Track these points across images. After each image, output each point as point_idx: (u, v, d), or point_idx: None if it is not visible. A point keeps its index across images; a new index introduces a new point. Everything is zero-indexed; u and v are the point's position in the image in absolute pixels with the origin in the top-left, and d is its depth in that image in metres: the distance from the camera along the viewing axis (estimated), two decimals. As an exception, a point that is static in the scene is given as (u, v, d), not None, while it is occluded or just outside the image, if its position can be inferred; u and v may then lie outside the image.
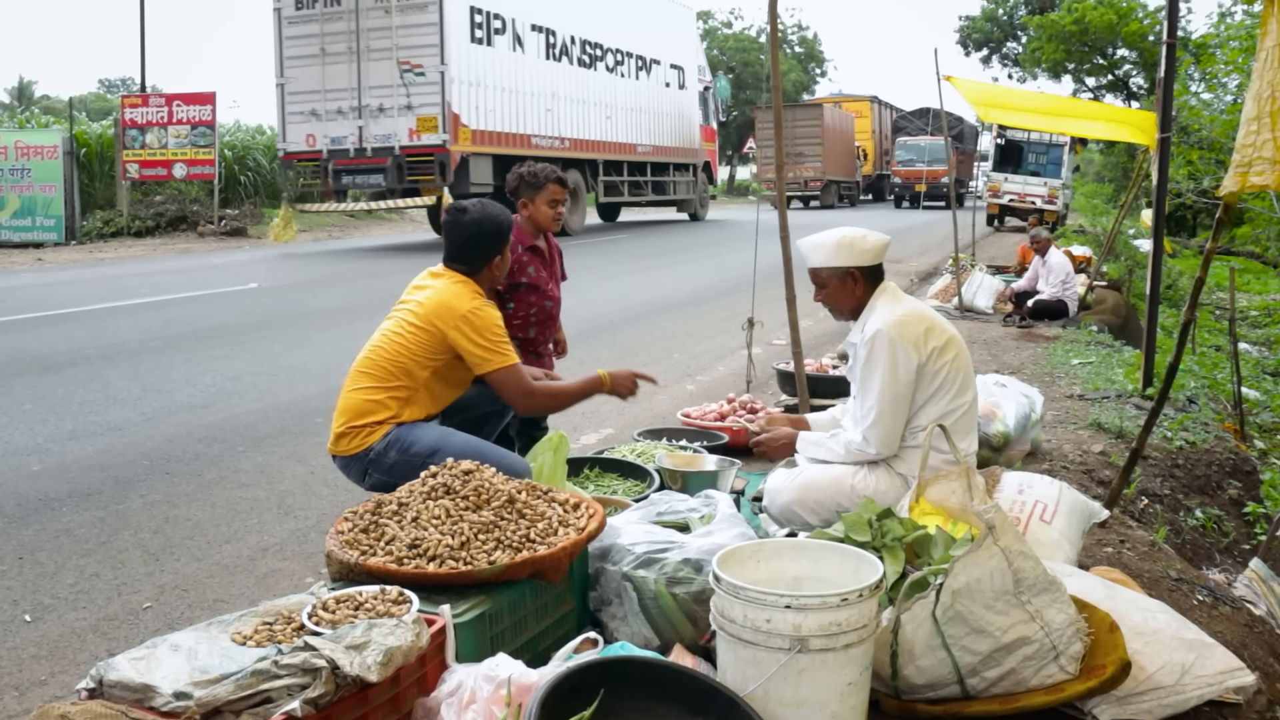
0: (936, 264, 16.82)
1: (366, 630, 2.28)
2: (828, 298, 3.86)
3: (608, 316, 10.57)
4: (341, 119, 17.89)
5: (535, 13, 20.19)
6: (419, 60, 17.29)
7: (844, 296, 3.81)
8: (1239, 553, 5.37)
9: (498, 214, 4.06)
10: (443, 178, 17.64)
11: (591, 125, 22.42)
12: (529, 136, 19.97)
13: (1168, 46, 6.60)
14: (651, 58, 25.09)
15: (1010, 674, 2.63)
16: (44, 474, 5.38)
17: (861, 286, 3.78)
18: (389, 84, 17.49)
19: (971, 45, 51.45)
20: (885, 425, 3.67)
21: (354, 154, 17.91)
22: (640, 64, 24.62)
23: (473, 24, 18.12)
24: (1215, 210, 11.95)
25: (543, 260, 4.90)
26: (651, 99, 25.22)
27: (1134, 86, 43.64)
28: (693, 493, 3.74)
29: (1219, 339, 11.50)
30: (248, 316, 10.66)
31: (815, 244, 3.81)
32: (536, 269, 4.84)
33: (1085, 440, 5.75)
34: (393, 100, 17.57)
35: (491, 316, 3.88)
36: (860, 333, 3.76)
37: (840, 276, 3.77)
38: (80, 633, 3.64)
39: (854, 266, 3.75)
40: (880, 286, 3.81)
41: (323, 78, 17.98)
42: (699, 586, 2.89)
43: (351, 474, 3.93)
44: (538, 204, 4.76)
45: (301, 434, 6.11)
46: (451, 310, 3.82)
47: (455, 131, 17.55)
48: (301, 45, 18.13)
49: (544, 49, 20.75)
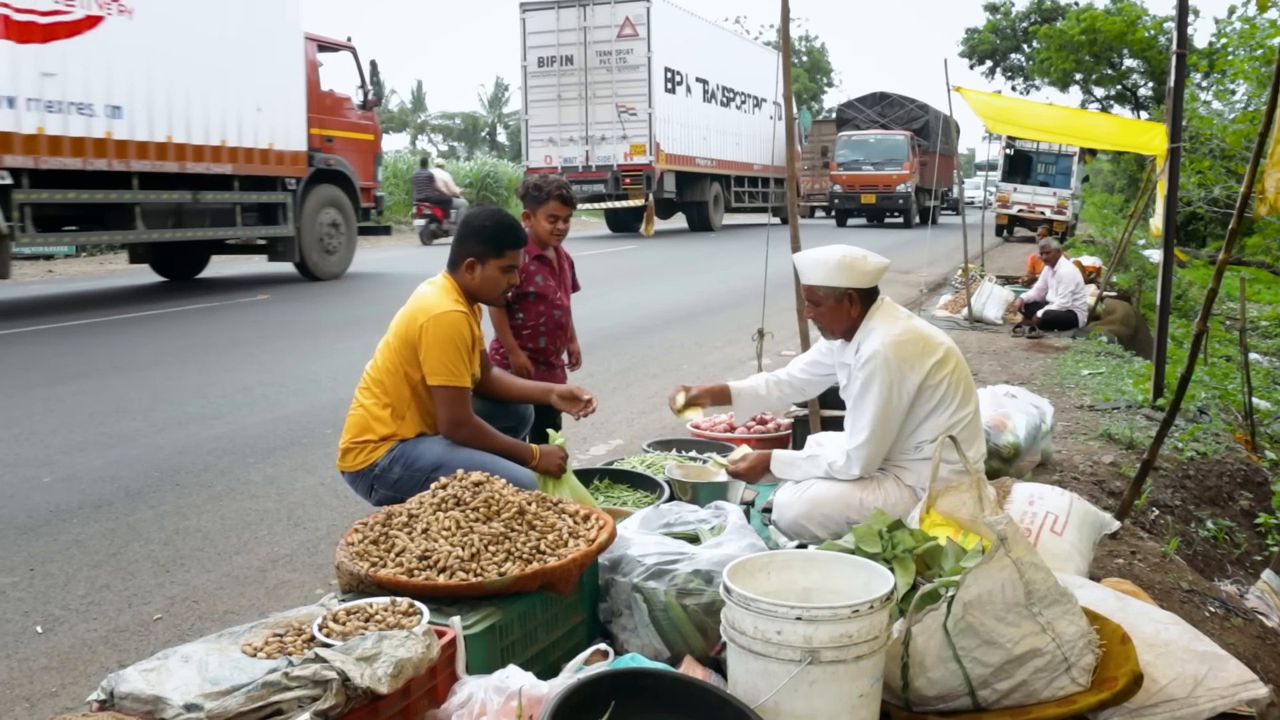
0: (946, 275, 16.81)
1: (377, 642, 2.28)
2: (820, 316, 3.80)
3: (616, 327, 10.58)
4: (572, 145, 25.07)
5: (697, 68, 27.63)
6: (631, 104, 24.60)
7: (838, 317, 3.76)
8: (1251, 564, 5.35)
9: (491, 221, 3.95)
10: (647, 186, 24.73)
11: (727, 149, 29.39)
12: (694, 158, 27.13)
13: (1177, 56, 6.60)
14: (760, 96, 31.78)
15: (1021, 686, 2.62)
16: (55, 485, 5.40)
17: (857, 308, 3.74)
18: (609, 120, 24.74)
19: (976, 58, 51.43)
20: (873, 446, 3.66)
21: (581, 169, 24.84)
22: (755, 101, 31.68)
23: (665, 79, 25.34)
24: (1224, 220, 11.75)
25: (551, 270, 4.92)
26: (761, 128, 31.38)
27: (1141, 97, 43.62)
28: (703, 504, 3.73)
29: (1230, 349, 11.46)
30: (257, 328, 10.69)
31: (815, 261, 3.75)
32: (545, 278, 4.86)
33: (1096, 451, 5.73)
34: (611, 132, 24.77)
35: (456, 325, 3.76)
36: (856, 354, 3.72)
37: (837, 297, 3.72)
38: (91, 644, 3.65)
39: (852, 288, 3.70)
40: (875, 304, 3.76)
41: (559, 115, 25.13)
42: (709, 598, 2.88)
43: (359, 489, 3.94)
44: (538, 217, 4.79)
45: (311, 445, 6.12)
46: (425, 311, 3.76)
47: (657, 154, 24.82)
48: (542, 92, 25.25)
49: (702, 94, 28.16)
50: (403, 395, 3.82)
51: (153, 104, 12.18)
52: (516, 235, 3.98)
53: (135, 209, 12.30)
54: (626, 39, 24.54)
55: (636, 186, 24.86)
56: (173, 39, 12.36)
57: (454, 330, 3.74)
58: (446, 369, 3.73)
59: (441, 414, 3.81)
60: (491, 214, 4.00)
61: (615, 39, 24.53)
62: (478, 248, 3.90)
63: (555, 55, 25.02)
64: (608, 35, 24.54)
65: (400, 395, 3.82)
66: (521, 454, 3.89)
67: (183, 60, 12.48)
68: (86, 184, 11.69)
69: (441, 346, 3.72)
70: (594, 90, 24.79)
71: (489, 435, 3.87)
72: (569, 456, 4.05)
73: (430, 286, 3.93)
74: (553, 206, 4.77)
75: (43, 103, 10.92)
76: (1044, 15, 47.14)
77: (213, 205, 13.37)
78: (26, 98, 10.75)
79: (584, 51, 24.77)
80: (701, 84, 28.14)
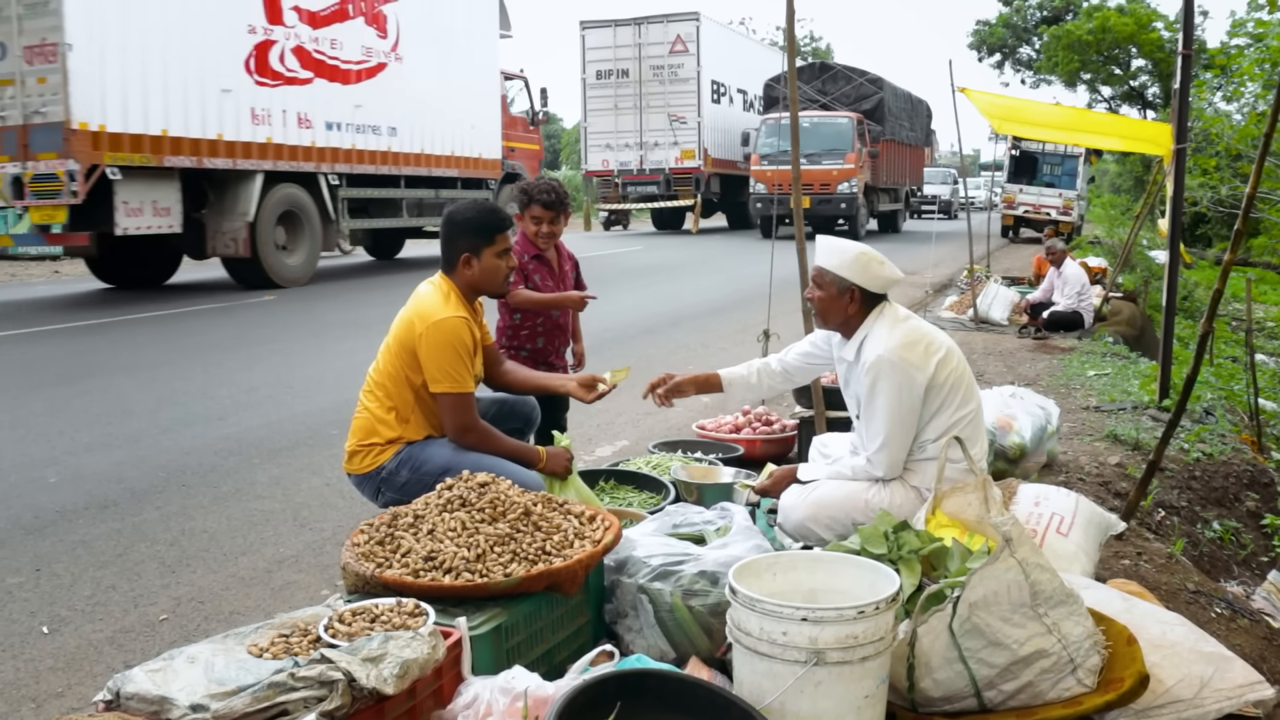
0: (951, 276, 16.79)
1: (383, 643, 2.28)
2: (819, 300, 3.81)
3: (622, 328, 10.58)
4: (627, 150, 28.03)
5: (738, 80, 30.15)
6: (682, 114, 27.44)
7: (835, 308, 3.76)
8: (1257, 565, 5.33)
9: (474, 212, 3.94)
10: (696, 188, 27.71)
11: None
12: (735, 162, 28.96)
13: (1183, 57, 6.59)
14: None
15: (1027, 687, 2.61)
16: (60, 486, 5.41)
17: (856, 306, 3.74)
18: (661, 128, 27.73)
19: (985, 50, 51.32)
20: (893, 449, 3.66)
21: (636, 172, 28.07)
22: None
23: (712, 90, 28.09)
24: (1229, 220, 11.69)
25: (550, 270, 4.95)
26: None
27: (1150, 96, 43.54)
28: (708, 505, 3.73)
29: (1236, 350, 11.44)
30: (264, 328, 10.71)
31: (835, 247, 3.76)
32: (543, 278, 4.91)
33: (1101, 452, 5.73)
34: (663, 138, 27.78)
35: (455, 331, 3.74)
36: (856, 353, 3.73)
37: (840, 288, 3.72)
38: (97, 645, 3.65)
39: (858, 285, 3.71)
40: (878, 308, 3.76)
41: (615, 123, 28.13)
42: (715, 599, 2.88)
43: (365, 491, 3.94)
44: (525, 219, 4.89)
45: (316, 446, 6.13)
46: (423, 318, 3.75)
47: (705, 159, 27.70)
48: (600, 102, 28.19)
49: (742, 103, 30.91)
50: (405, 399, 3.82)
51: (413, 124, 16.63)
52: (500, 218, 3.98)
53: (401, 202, 16.99)
54: (678, 54, 27.48)
55: (686, 188, 27.89)
56: (424, 77, 16.76)
57: (454, 336, 3.73)
58: (449, 376, 3.72)
59: (448, 420, 3.81)
60: (470, 205, 3.98)
61: (668, 54, 27.55)
62: (468, 241, 3.88)
63: (612, 69, 27.96)
64: (660, 51, 27.56)
65: (403, 399, 3.82)
66: (528, 456, 3.89)
67: (430, 92, 16.87)
68: (376, 184, 16.23)
69: (442, 353, 3.71)
70: (647, 100, 27.80)
71: (495, 439, 3.87)
72: (575, 458, 4.05)
73: (430, 287, 3.92)
74: (535, 210, 4.84)
75: (354, 126, 15.34)
76: (1055, 11, 47.03)
77: (445, 199, 17.37)
78: (344, 123, 15.15)
79: (639, 65, 27.73)
80: (741, 94, 30.84)
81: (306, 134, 14.45)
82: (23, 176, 11.58)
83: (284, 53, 14.00)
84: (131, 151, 11.97)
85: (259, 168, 13.58)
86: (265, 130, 13.73)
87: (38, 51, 11.34)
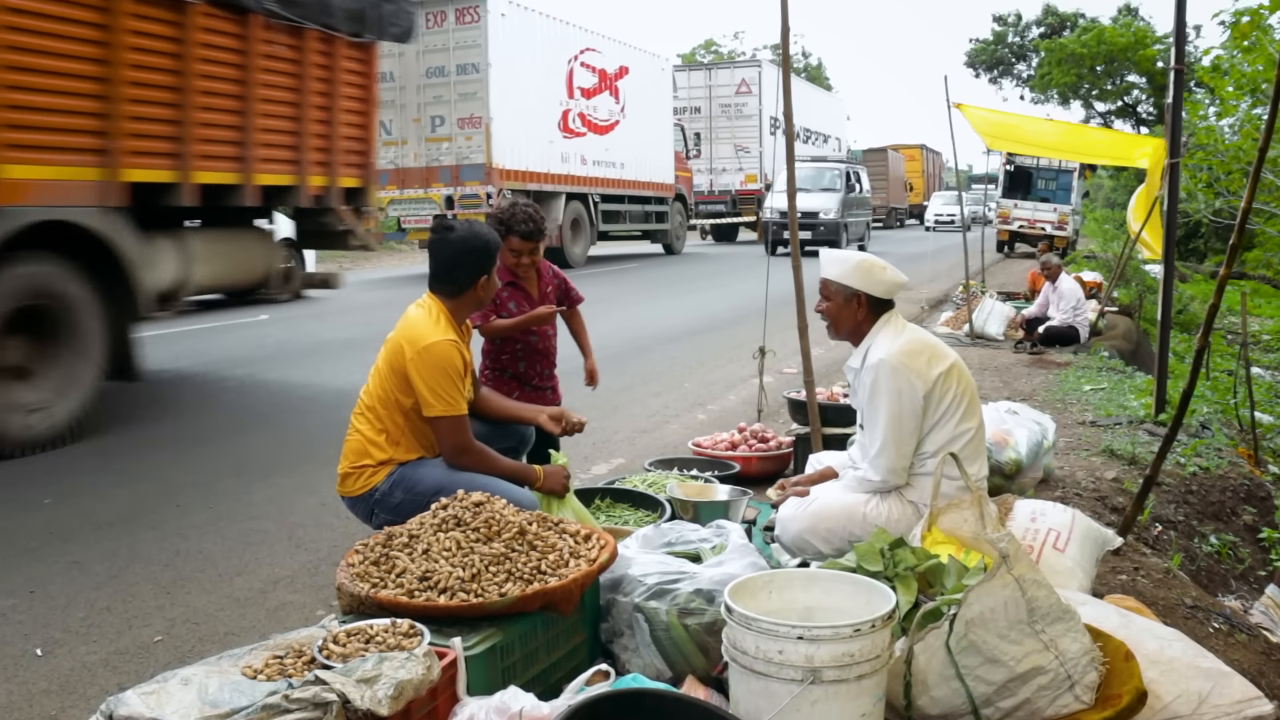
0: (947, 291, 16.82)
1: (377, 663, 2.28)
2: (828, 311, 3.89)
3: (617, 346, 10.57)
4: (699, 175, 31.47)
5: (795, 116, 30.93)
6: (745, 145, 32.55)
7: (843, 316, 3.85)
8: (1255, 579, 5.33)
9: (485, 233, 3.97)
10: (758, 207, 31.07)
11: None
12: None
13: (1175, 72, 6.62)
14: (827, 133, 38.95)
15: (1025, 704, 2.61)
16: (55, 506, 5.39)
17: (863, 312, 3.81)
18: (729, 156, 32.71)
19: (980, 68, 51.54)
20: (891, 455, 3.68)
21: (706, 194, 32.58)
22: (823, 138, 38.45)
23: (770, 124, 31.66)
24: (1223, 233, 11.73)
25: (525, 296, 4.95)
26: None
27: (1143, 113, 43.72)
28: (704, 523, 3.73)
29: (1231, 363, 11.46)
30: (258, 348, 10.70)
31: (837, 258, 3.85)
32: (518, 304, 4.91)
33: (1098, 467, 5.73)
34: (730, 165, 32.75)
35: (447, 355, 3.72)
36: (861, 361, 3.79)
37: (846, 296, 3.81)
38: (91, 667, 3.64)
39: (862, 291, 3.78)
40: (884, 316, 3.83)
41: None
42: (711, 617, 2.88)
43: (359, 513, 3.93)
44: (503, 250, 4.79)
45: (312, 465, 6.11)
46: (412, 343, 3.72)
47: (765, 183, 31.19)
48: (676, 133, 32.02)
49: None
50: (396, 422, 3.82)
51: (629, 159, 23.55)
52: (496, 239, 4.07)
53: (625, 214, 24.08)
54: (742, 95, 32.59)
55: (749, 207, 33.01)
56: (637, 128, 23.76)
57: (445, 360, 3.71)
58: (442, 399, 3.71)
59: (444, 443, 3.80)
60: (476, 232, 3.96)
61: (734, 95, 32.69)
62: (485, 264, 3.92)
63: (686, 106, 32.04)
64: (728, 91, 32.75)
65: (394, 422, 3.82)
66: (525, 476, 3.89)
67: (639, 139, 23.89)
68: (614, 201, 23.34)
69: (435, 377, 3.69)
70: (716, 133, 32.86)
71: (492, 459, 3.86)
72: (571, 476, 4.04)
73: (419, 310, 3.90)
74: (513, 242, 4.81)
75: (604, 163, 22.51)
76: (1051, 27, 47.25)
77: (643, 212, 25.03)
78: (599, 160, 22.28)
79: (709, 104, 32.83)
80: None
81: (582, 169, 21.53)
82: (454, 196, 18.55)
83: (573, 116, 21.26)
84: (513, 180, 18.82)
85: (561, 190, 20.58)
86: (566, 167, 20.95)
87: (469, 122, 18.48)
